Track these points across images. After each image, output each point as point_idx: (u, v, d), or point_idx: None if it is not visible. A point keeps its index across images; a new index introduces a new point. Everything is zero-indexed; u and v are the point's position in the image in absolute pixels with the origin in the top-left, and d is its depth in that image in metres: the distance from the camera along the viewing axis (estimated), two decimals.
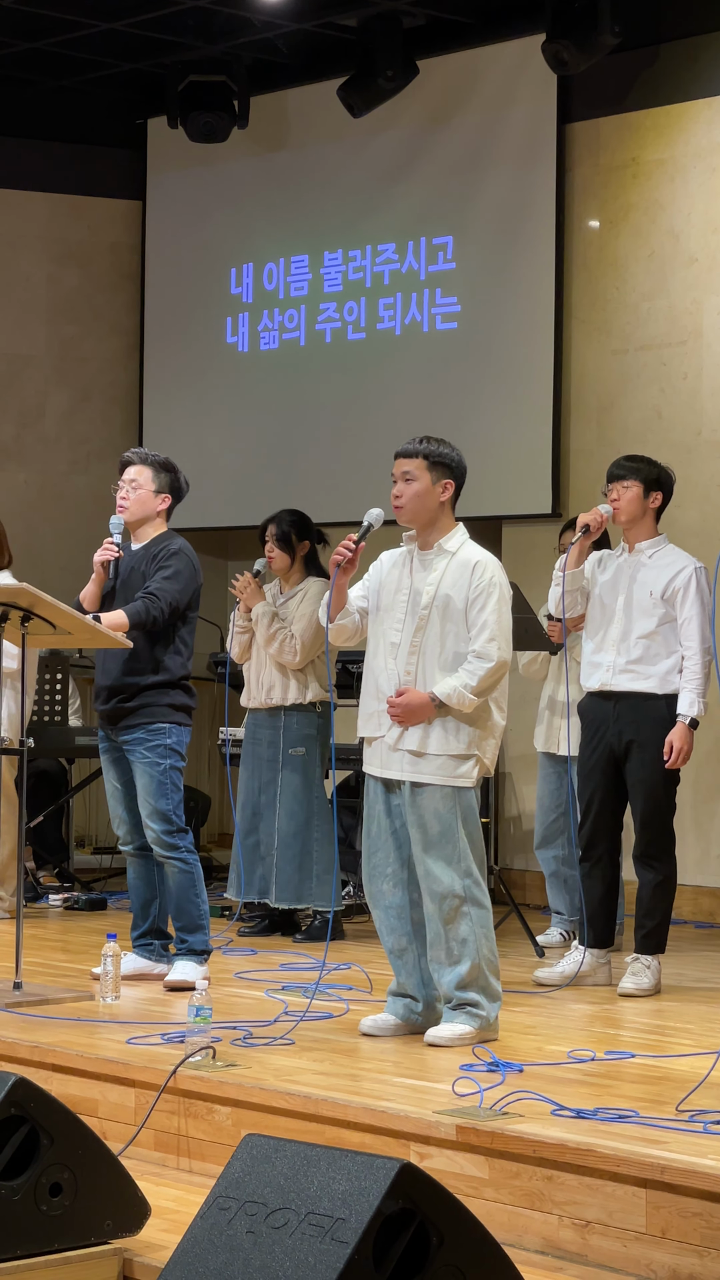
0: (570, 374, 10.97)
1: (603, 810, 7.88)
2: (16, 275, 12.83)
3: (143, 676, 7.65)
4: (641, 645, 7.75)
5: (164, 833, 7.59)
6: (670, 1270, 4.87)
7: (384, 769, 6.67)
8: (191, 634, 7.80)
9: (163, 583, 7.64)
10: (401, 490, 6.67)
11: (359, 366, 11.93)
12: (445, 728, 6.58)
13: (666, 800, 7.81)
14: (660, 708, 7.73)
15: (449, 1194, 4.22)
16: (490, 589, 6.61)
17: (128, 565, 7.77)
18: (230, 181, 12.57)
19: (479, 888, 6.58)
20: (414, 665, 6.62)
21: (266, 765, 9.14)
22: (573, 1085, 5.88)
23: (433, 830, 6.54)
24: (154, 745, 7.63)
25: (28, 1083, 4.87)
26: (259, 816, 9.13)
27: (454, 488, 6.70)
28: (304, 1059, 6.26)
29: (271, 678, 9.10)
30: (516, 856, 11.04)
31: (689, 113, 10.46)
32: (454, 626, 6.61)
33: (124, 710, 7.66)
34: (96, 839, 12.59)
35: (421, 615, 6.62)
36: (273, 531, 9.17)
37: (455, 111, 11.40)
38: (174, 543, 7.78)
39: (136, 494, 7.80)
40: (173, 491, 7.86)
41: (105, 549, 7.75)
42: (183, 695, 7.74)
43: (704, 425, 10.33)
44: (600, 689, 7.83)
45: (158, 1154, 6.03)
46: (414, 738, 6.59)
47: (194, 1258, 4.28)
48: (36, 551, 11.96)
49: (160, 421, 12.89)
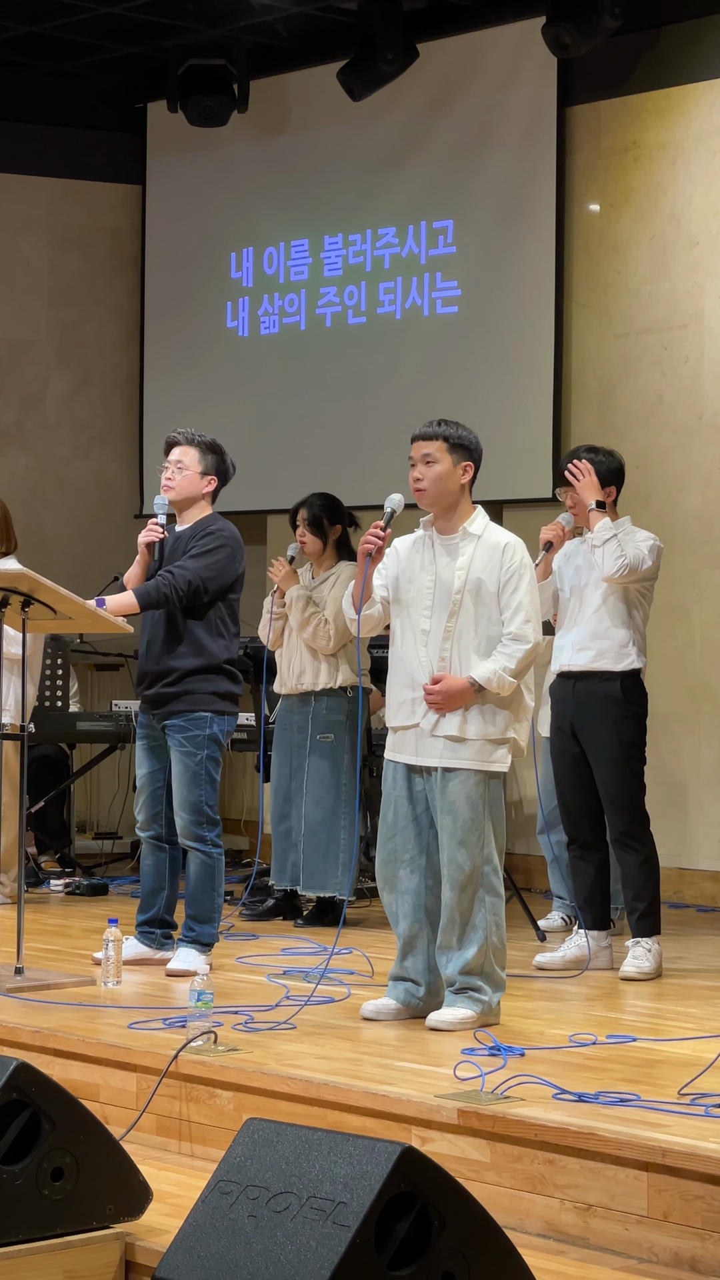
0: (571, 358, 10.96)
1: (577, 792, 7.90)
2: (17, 260, 12.82)
3: (184, 660, 7.55)
4: (594, 620, 7.77)
5: (192, 823, 7.54)
6: (672, 1253, 4.87)
7: (419, 756, 6.62)
8: (234, 617, 7.68)
9: (187, 561, 7.54)
10: (423, 473, 6.64)
11: (359, 351, 11.92)
12: (483, 712, 6.56)
13: (633, 780, 7.81)
14: (614, 687, 7.75)
15: (450, 1178, 4.22)
16: (522, 570, 6.60)
17: (171, 547, 7.66)
18: (230, 166, 12.55)
19: (496, 876, 6.57)
20: (449, 651, 6.59)
21: (297, 750, 9.09)
22: (574, 1069, 5.88)
23: (463, 816, 6.51)
24: (193, 734, 7.53)
25: (29, 1067, 4.87)
26: (290, 803, 9.09)
27: (473, 470, 6.67)
28: (305, 1043, 6.26)
29: (303, 663, 9.04)
30: (518, 841, 11.04)
31: (690, 95, 10.43)
32: (486, 610, 6.58)
33: (166, 695, 7.56)
34: (98, 824, 12.59)
35: (454, 601, 6.59)
36: (304, 516, 9.11)
37: (455, 95, 11.38)
38: (214, 524, 7.67)
39: (182, 475, 7.70)
40: (219, 474, 7.76)
41: (149, 530, 7.66)
42: (227, 681, 7.63)
43: (705, 409, 10.32)
44: (562, 669, 7.87)
45: (159, 1138, 6.04)
46: (453, 723, 6.55)
47: (195, 1242, 4.28)
48: (37, 536, 11.96)
49: (161, 406, 12.88)
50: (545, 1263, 4.84)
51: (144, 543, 7.67)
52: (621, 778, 7.78)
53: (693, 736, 10.19)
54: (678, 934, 8.79)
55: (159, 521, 7.67)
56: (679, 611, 10.22)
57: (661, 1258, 4.89)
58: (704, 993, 7.40)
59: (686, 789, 10.17)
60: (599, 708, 7.76)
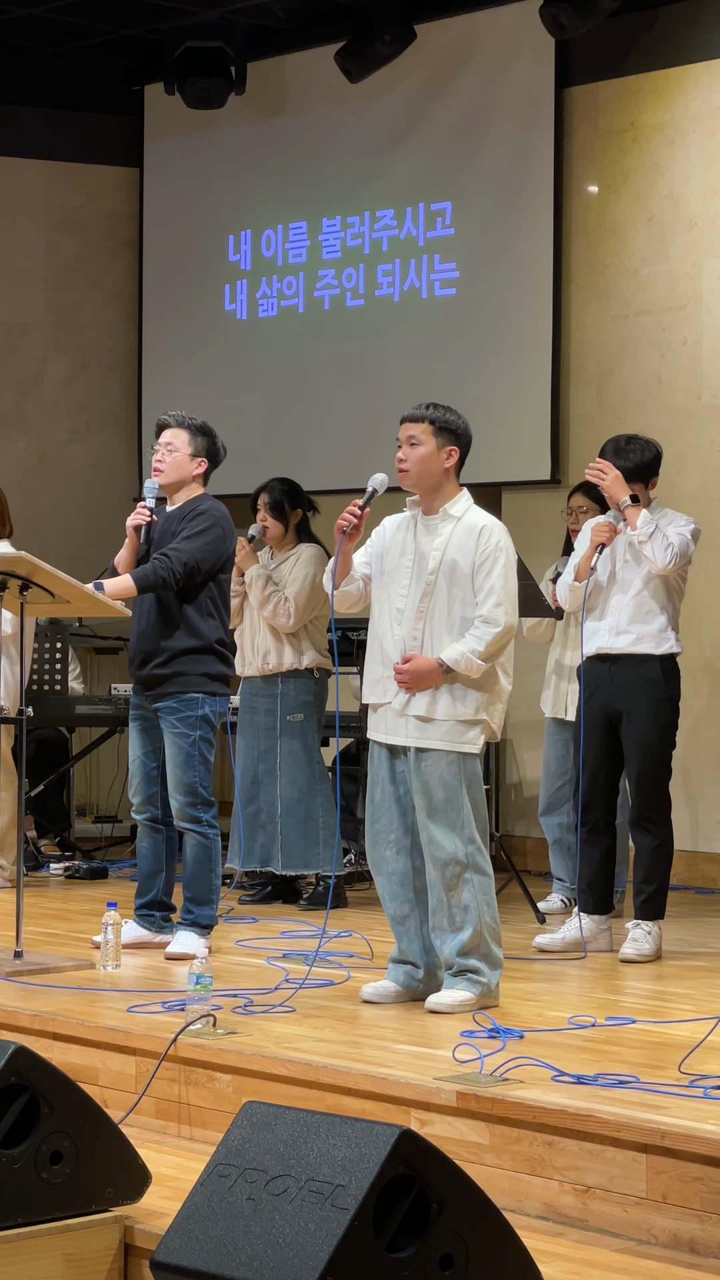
0: (570, 340, 10.94)
1: (598, 773, 7.88)
2: (14, 243, 12.80)
3: (175, 641, 7.55)
4: (634, 604, 7.76)
5: (188, 804, 7.54)
6: (671, 1235, 4.87)
7: (390, 735, 6.65)
8: (225, 597, 7.68)
9: (181, 543, 7.55)
10: (406, 454, 6.66)
11: (358, 333, 11.90)
12: (453, 693, 6.57)
13: (661, 764, 7.80)
14: (654, 669, 7.74)
15: (449, 1160, 4.22)
16: (497, 553, 6.60)
17: (160, 529, 7.66)
18: (228, 148, 12.53)
19: (481, 854, 6.57)
20: (420, 631, 6.60)
21: (265, 733, 9.12)
22: (573, 1051, 5.88)
23: (437, 796, 6.53)
24: (185, 716, 7.55)
25: (28, 1051, 4.87)
26: (259, 785, 9.12)
27: (459, 454, 6.68)
28: (304, 1026, 6.26)
29: (267, 643, 9.07)
30: (518, 823, 11.05)
31: (688, 76, 10.41)
32: (460, 591, 6.59)
33: (158, 677, 7.57)
34: (97, 808, 12.59)
35: (428, 580, 6.60)
36: (265, 500, 9.17)
37: (453, 76, 11.36)
38: (204, 504, 7.67)
39: (172, 457, 7.70)
40: (209, 456, 7.76)
41: (138, 513, 7.66)
42: (218, 663, 7.63)
43: (704, 390, 10.30)
44: (597, 652, 7.84)
45: (158, 1122, 6.04)
46: (421, 703, 6.57)
47: (194, 1225, 4.28)
48: (35, 520, 11.95)
49: (159, 389, 12.86)
50: (544, 1244, 4.84)
51: (132, 525, 7.68)
52: (652, 761, 7.76)
53: (695, 719, 10.18)
54: (679, 916, 8.79)
55: (147, 504, 7.68)
56: None
57: (660, 1239, 4.89)
58: (704, 975, 7.40)
59: (689, 772, 10.16)
60: (640, 690, 7.74)
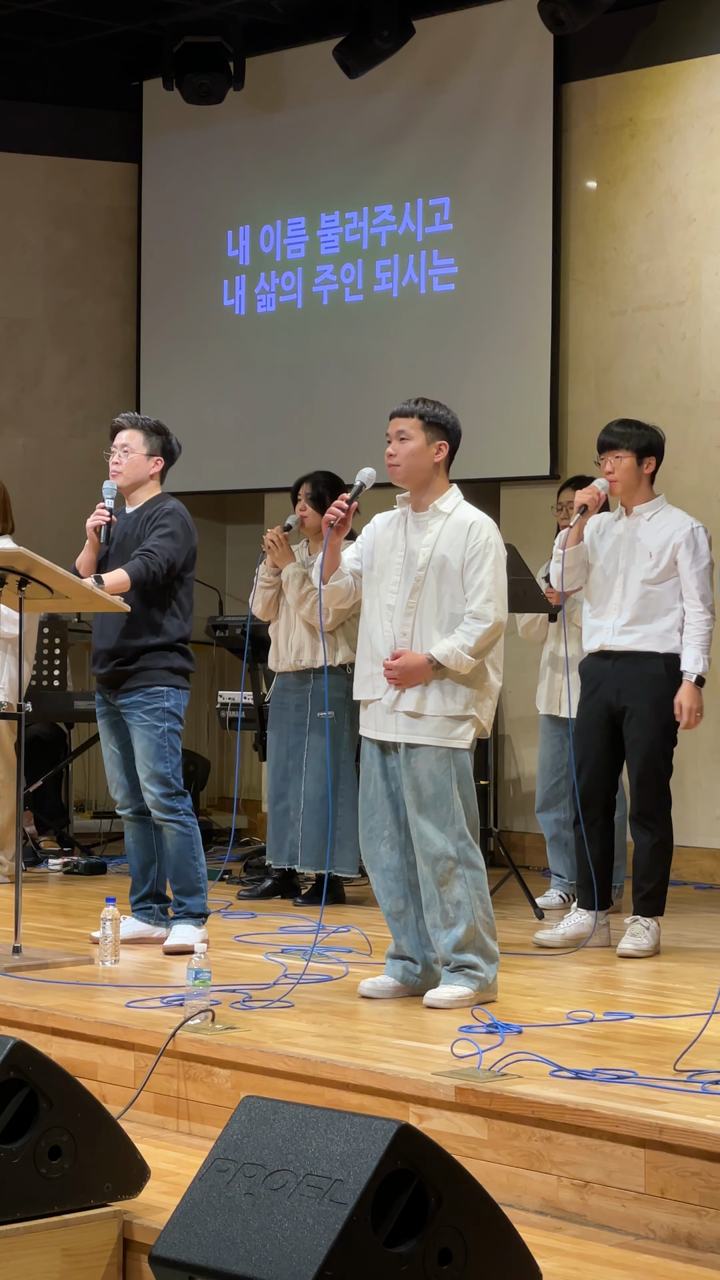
0: (568, 335, 10.95)
1: (598, 769, 7.88)
2: (13, 238, 12.79)
3: (141, 639, 7.64)
4: (640, 604, 7.74)
5: (163, 796, 7.59)
6: (669, 1230, 4.88)
7: (380, 731, 6.66)
8: (189, 595, 7.78)
9: (159, 540, 7.62)
10: (396, 450, 6.66)
11: (356, 329, 11.90)
12: (442, 689, 6.57)
13: (663, 761, 7.80)
14: (659, 666, 7.73)
15: (447, 1155, 4.22)
16: (486, 550, 6.60)
17: (121, 530, 7.76)
18: (226, 143, 12.53)
19: (472, 849, 6.57)
20: (410, 627, 6.61)
21: (295, 729, 9.08)
22: (571, 1046, 5.89)
23: (427, 792, 6.54)
24: (152, 708, 7.62)
25: (26, 1046, 4.87)
26: (288, 781, 9.08)
27: (448, 449, 6.68)
28: (303, 1021, 6.26)
29: (301, 640, 9.03)
30: (516, 819, 11.05)
31: (687, 72, 10.41)
32: (450, 588, 6.59)
33: (122, 674, 7.65)
34: (96, 804, 12.59)
35: (417, 577, 6.61)
36: (306, 491, 9.11)
37: (452, 72, 11.36)
38: (167, 504, 7.77)
39: (129, 458, 7.80)
40: (165, 454, 7.86)
41: (97, 514, 7.74)
42: (180, 658, 7.72)
43: (702, 386, 10.31)
44: (600, 649, 7.83)
45: (157, 1117, 6.04)
46: (411, 699, 6.58)
47: (193, 1220, 4.29)
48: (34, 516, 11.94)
49: (158, 385, 12.86)
50: (542, 1239, 4.84)
51: (92, 526, 7.74)
52: (654, 758, 7.76)
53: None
54: (676, 911, 8.78)
55: (106, 505, 7.74)
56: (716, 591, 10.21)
57: (658, 1234, 4.90)
58: (701, 969, 7.40)
59: (685, 767, 10.15)
60: (643, 687, 7.72)
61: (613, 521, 7.90)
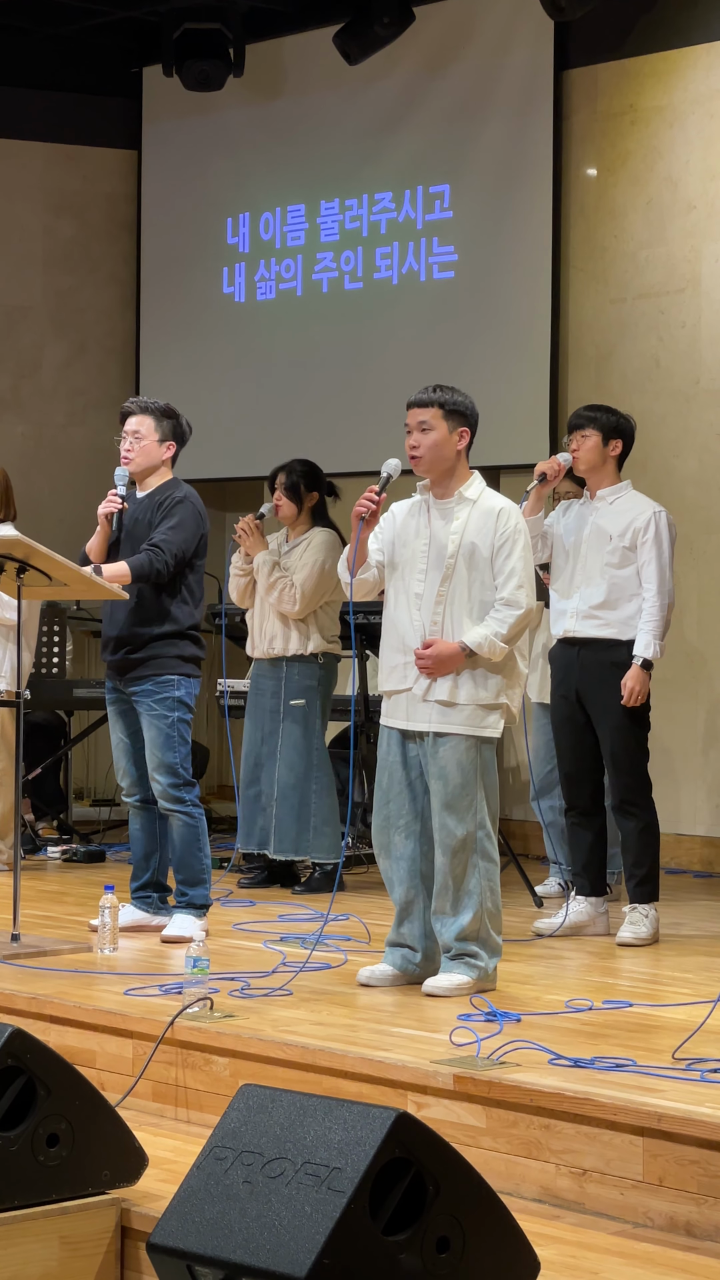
0: (568, 323, 10.93)
1: (578, 758, 7.89)
2: (12, 225, 12.77)
3: (150, 627, 7.58)
4: (602, 590, 7.76)
5: (170, 786, 7.56)
6: (667, 1218, 4.88)
7: (410, 720, 6.62)
8: (199, 583, 7.72)
9: (168, 533, 7.56)
10: (419, 440, 6.62)
11: (356, 316, 11.89)
12: (475, 677, 6.56)
13: (637, 746, 7.80)
14: (622, 654, 7.73)
15: (445, 1143, 4.22)
16: (516, 535, 6.59)
17: (132, 516, 7.68)
18: (226, 130, 12.51)
19: (490, 841, 6.57)
20: (440, 615, 6.58)
21: (269, 716, 9.11)
22: (570, 1034, 5.89)
23: (454, 782, 6.51)
24: (162, 697, 7.57)
25: (25, 1034, 4.87)
26: (260, 767, 9.11)
27: (469, 435, 6.66)
28: (302, 1010, 6.26)
29: (274, 628, 9.06)
30: (515, 807, 11.04)
31: (687, 58, 10.39)
32: (479, 575, 6.57)
33: (132, 661, 7.59)
34: (95, 791, 12.59)
35: (447, 565, 6.58)
36: (282, 480, 9.13)
37: (452, 59, 11.33)
38: (179, 491, 7.70)
39: (140, 445, 7.71)
40: (176, 438, 7.78)
41: (108, 501, 7.67)
42: (191, 646, 7.67)
43: (702, 374, 10.29)
44: (565, 635, 7.85)
45: (155, 1104, 6.04)
46: (444, 688, 6.55)
47: (190, 1208, 4.28)
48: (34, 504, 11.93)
49: (157, 372, 12.85)
50: (540, 1227, 4.84)
51: (104, 513, 7.68)
52: (626, 743, 7.76)
53: (687, 702, 10.19)
54: (673, 899, 8.79)
55: (118, 492, 7.68)
56: (674, 577, 10.19)
57: (657, 1222, 4.90)
58: (700, 958, 7.40)
59: (680, 755, 10.17)
60: (607, 673, 7.73)
61: (577, 504, 7.93)
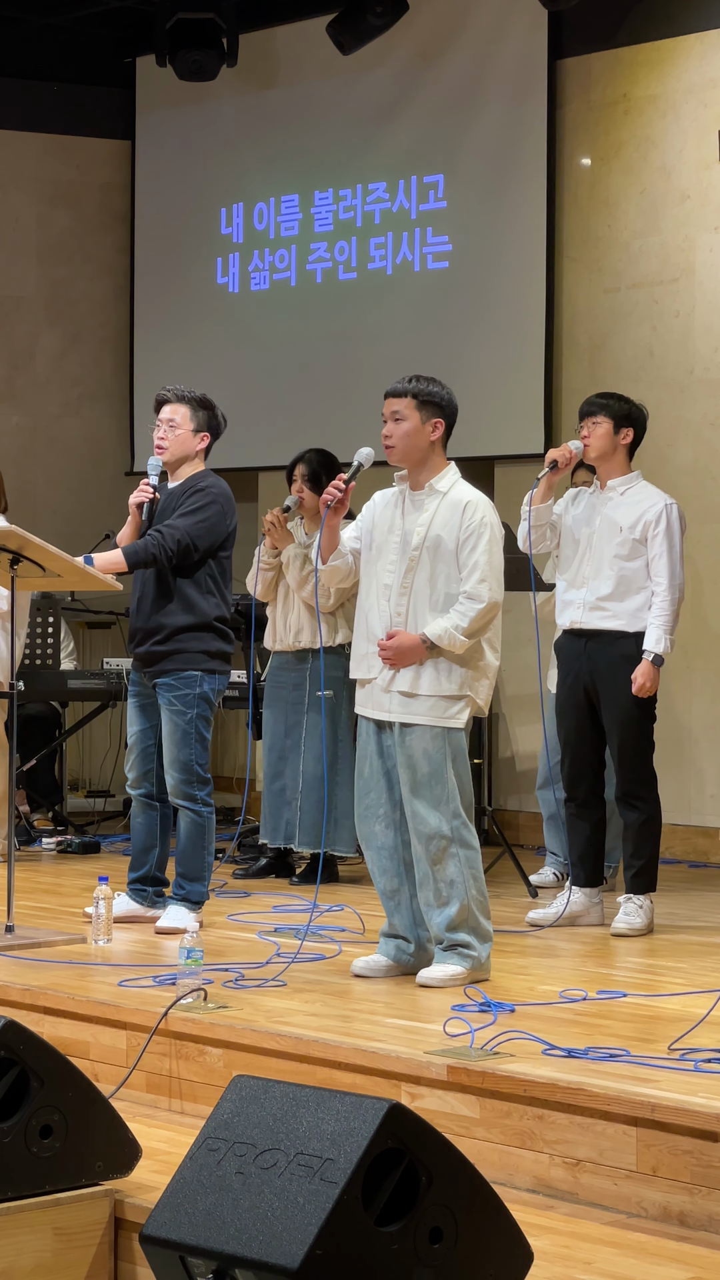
0: (562, 312, 10.92)
1: (581, 749, 7.88)
2: (6, 215, 12.76)
3: (174, 617, 7.51)
4: (611, 582, 7.74)
5: (182, 782, 7.53)
6: (661, 1208, 4.88)
7: (375, 710, 6.65)
8: (224, 574, 7.63)
9: (176, 520, 7.49)
10: (391, 430, 6.63)
11: (350, 306, 11.88)
12: (437, 669, 6.56)
13: (643, 738, 7.79)
14: (630, 646, 7.71)
15: (438, 1134, 4.22)
16: (481, 529, 6.58)
17: (162, 506, 7.61)
18: (220, 120, 12.49)
19: (467, 829, 6.57)
20: (405, 606, 6.59)
21: (292, 708, 9.06)
22: (564, 1025, 5.89)
23: (422, 771, 6.53)
24: (184, 694, 7.51)
25: (17, 1025, 4.87)
26: (284, 760, 9.06)
27: (444, 427, 6.65)
28: (295, 1000, 6.26)
29: (301, 621, 8.99)
30: (510, 797, 11.04)
31: (681, 48, 10.37)
32: (445, 567, 6.57)
33: (157, 654, 7.54)
34: (90, 782, 12.59)
35: (412, 556, 6.59)
36: (302, 471, 9.08)
37: (445, 48, 11.32)
38: (203, 480, 7.60)
39: (175, 434, 7.62)
40: (211, 429, 7.70)
41: (140, 491, 7.60)
42: (217, 640, 7.58)
43: (696, 363, 10.29)
44: (572, 626, 7.83)
45: (149, 1095, 6.04)
46: (406, 679, 6.57)
47: (183, 1199, 4.28)
48: (27, 494, 11.93)
49: (151, 362, 12.84)
50: (534, 1218, 4.84)
51: (135, 503, 7.62)
52: (633, 735, 7.75)
53: (686, 693, 10.19)
54: (669, 890, 8.79)
55: (150, 482, 7.62)
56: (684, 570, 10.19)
57: (650, 1212, 4.90)
58: (695, 948, 7.40)
59: (680, 744, 10.16)
60: (616, 667, 7.71)
61: (587, 493, 7.90)
